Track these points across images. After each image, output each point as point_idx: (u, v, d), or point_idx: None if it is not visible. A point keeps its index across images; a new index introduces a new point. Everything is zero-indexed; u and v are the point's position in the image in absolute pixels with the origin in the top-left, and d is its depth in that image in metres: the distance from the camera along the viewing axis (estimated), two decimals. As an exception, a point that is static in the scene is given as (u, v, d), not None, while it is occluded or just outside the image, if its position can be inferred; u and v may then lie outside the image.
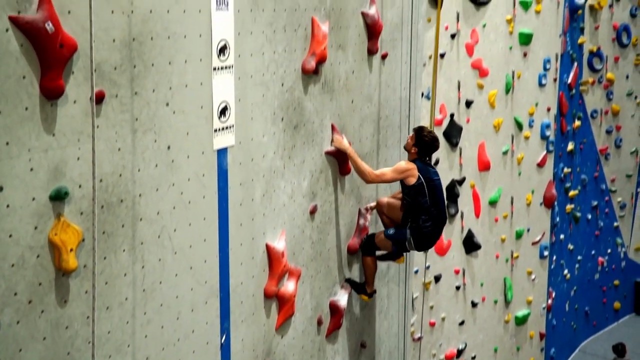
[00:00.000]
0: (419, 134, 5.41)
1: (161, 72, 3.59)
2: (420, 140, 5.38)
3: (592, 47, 9.77)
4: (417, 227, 5.38)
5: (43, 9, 2.86)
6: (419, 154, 5.41)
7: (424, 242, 5.51)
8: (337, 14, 5.08)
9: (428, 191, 5.31)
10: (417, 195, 5.31)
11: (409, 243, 5.45)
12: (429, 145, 5.41)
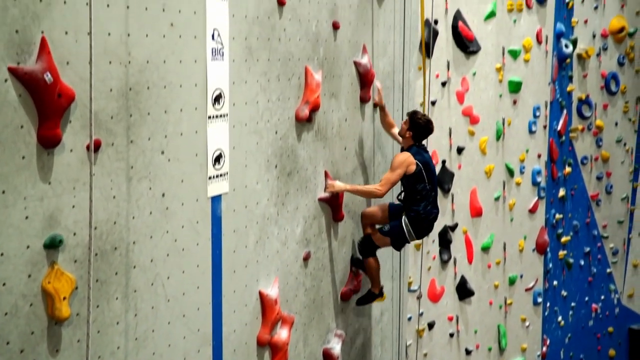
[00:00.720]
0: (413, 118, 5.41)
1: (157, 120, 3.64)
2: (414, 124, 5.37)
3: (581, 94, 9.93)
4: (415, 214, 5.33)
5: (42, 60, 2.92)
6: (414, 138, 5.39)
7: (424, 227, 5.45)
8: (330, 63, 5.18)
9: (427, 176, 5.32)
10: (416, 182, 5.30)
11: (408, 232, 5.38)
12: (424, 128, 5.41)
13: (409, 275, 7.07)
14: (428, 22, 7.36)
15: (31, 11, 2.90)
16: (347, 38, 5.38)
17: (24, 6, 2.87)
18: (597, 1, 9.77)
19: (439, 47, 7.58)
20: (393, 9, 6.09)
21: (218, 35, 4.05)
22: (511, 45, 8.41)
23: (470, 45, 7.91)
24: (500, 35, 8.26)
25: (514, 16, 8.37)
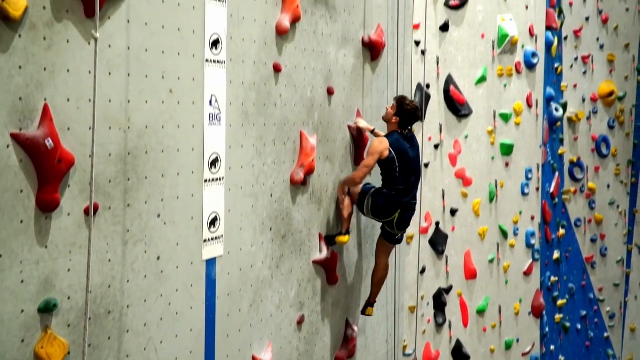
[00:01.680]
0: (401, 103, 5.37)
1: (154, 184, 3.70)
2: (401, 110, 5.35)
3: (572, 157, 10.06)
4: (379, 193, 5.34)
5: (44, 126, 2.99)
6: (399, 124, 5.37)
7: (379, 209, 5.36)
8: (324, 127, 5.28)
9: (399, 164, 5.27)
10: (389, 169, 5.30)
11: (367, 201, 5.35)
12: (411, 115, 5.38)
13: (404, 339, 7.01)
14: (420, 86, 7.55)
15: (35, 80, 2.99)
16: (341, 103, 5.51)
17: (29, 75, 2.96)
18: (585, 66, 10.01)
19: (432, 110, 7.74)
20: (386, 74, 6.25)
21: (216, 101, 4.15)
22: (502, 108, 8.57)
23: (462, 108, 8.08)
24: (491, 99, 8.44)
25: (504, 81, 8.56)
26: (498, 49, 8.43)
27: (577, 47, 9.85)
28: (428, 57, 7.76)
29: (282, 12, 4.69)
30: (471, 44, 8.19)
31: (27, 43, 2.95)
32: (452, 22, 8.04)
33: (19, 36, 2.92)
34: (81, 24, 3.19)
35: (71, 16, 3.15)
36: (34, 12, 2.99)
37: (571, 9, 9.66)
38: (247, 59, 4.40)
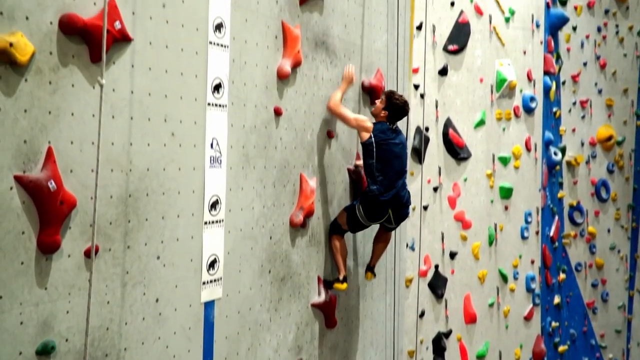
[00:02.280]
0: (390, 98, 5.35)
1: (154, 226, 3.72)
2: (390, 104, 5.32)
3: (572, 201, 10.09)
4: (364, 195, 5.28)
5: (47, 169, 3.03)
6: (388, 118, 5.34)
7: (371, 208, 5.25)
8: (324, 170, 5.33)
9: (377, 154, 5.19)
10: (366, 156, 5.24)
11: (358, 209, 5.28)
12: (400, 109, 5.35)
13: (403, 384, 6.94)
14: (419, 129, 7.63)
15: (40, 123, 3.04)
16: (341, 146, 5.56)
17: (34, 118, 3.01)
18: (584, 111, 10.12)
19: (430, 153, 7.81)
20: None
21: (217, 144, 4.20)
22: (501, 152, 8.64)
23: (460, 152, 8.15)
24: (490, 142, 8.52)
25: (503, 124, 8.65)
26: (496, 93, 8.54)
27: (575, 92, 9.98)
28: (427, 101, 7.86)
29: (283, 57, 4.78)
30: (470, 88, 8.31)
31: (33, 87, 3.02)
32: (451, 66, 8.17)
33: (25, 80, 2.99)
34: (86, 69, 3.26)
35: (77, 61, 3.22)
36: (41, 57, 3.06)
37: (569, 54, 9.81)
38: (249, 102, 4.47)
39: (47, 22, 3.07)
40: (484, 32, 8.43)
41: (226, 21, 4.21)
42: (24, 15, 2.97)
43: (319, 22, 5.22)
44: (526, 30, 8.81)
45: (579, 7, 9.81)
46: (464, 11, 8.28)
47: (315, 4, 5.14)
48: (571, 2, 9.71)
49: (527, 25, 8.82)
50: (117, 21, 3.40)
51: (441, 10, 8.12)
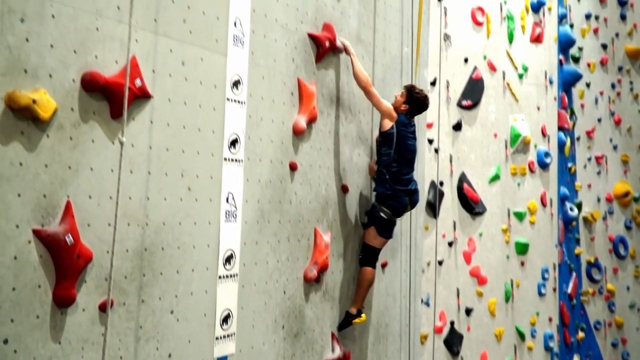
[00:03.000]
0: (411, 92, 5.42)
1: (168, 280, 3.73)
2: (411, 98, 5.39)
3: (589, 257, 9.98)
4: (380, 194, 5.32)
5: (65, 222, 3.07)
6: (408, 111, 5.40)
7: (392, 202, 5.31)
8: (338, 224, 5.34)
9: (396, 144, 5.26)
10: (384, 145, 5.30)
11: (383, 212, 5.30)
12: (420, 103, 5.43)
13: None
14: (434, 183, 7.64)
15: (59, 177, 3.10)
16: (355, 200, 5.58)
17: (54, 173, 3.07)
18: (599, 166, 10.10)
19: (445, 207, 7.80)
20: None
21: (232, 199, 4.24)
22: (516, 207, 8.61)
23: (475, 206, 8.14)
24: (505, 197, 8.50)
25: (518, 179, 8.65)
26: (511, 148, 8.57)
27: (590, 148, 9.99)
28: (441, 155, 7.90)
29: (299, 113, 4.86)
30: (484, 143, 8.35)
31: (54, 142, 3.08)
32: (465, 121, 8.24)
33: (46, 136, 3.06)
34: (106, 125, 3.34)
35: (97, 117, 3.30)
36: (63, 113, 3.14)
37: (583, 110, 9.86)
38: (264, 157, 4.52)
39: (69, 79, 3.16)
40: (497, 88, 8.52)
41: (243, 78, 4.30)
42: (47, 73, 3.06)
43: (334, 79, 5.31)
44: (540, 87, 8.89)
45: (592, 64, 9.90)
46: (477, 67, 8.40)
47: (330, 62, 5.25)
48: (584, 59, 9.82)
49: (541, 82, 8.91)
50: (138, 78, 3.49)
51: (455, 66, 8.24)
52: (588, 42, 9.82)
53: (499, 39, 8.54)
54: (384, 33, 6.10)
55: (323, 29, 5.13)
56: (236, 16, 4.23)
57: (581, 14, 9.81)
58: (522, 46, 8.75)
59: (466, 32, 8.33)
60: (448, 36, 8.22)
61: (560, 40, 9.24)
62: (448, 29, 8.21)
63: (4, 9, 2.86)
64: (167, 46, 3.71)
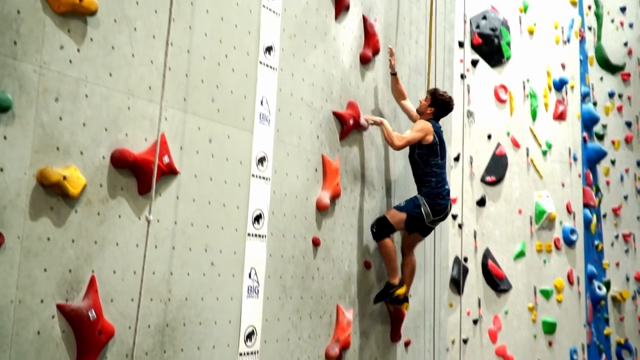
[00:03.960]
0: (435, 95, 5.45)
1: (189, 357, 3.70)
2: (436, 100, 5.43)
3: (619, 338, 9.71)
4: (429, 189, 5.27)
5: (89, 298, 3.09)
6: (435, 114, 5.44)
7: (437, 204, 5.28)
8: (361, 301, 5.29)
9: (440, 151, 5.32)
10: (431, 155, 5.29)
11: (424, 207, 5.24)
12: (446, 104, 5.46)
13: None
14: (458, 259, 7.57)
15: (85, 252, 3.14)
16: (378, 277, 5.54)
17: (80, 248, 3.12)
18: (627, 244, 9.95)
19: (470, 284, 7.70)
20: (423, 250, 6.31)
21: (255, 274, 4.24)
22: (542, 285, 8.47)
23: (500, 283, 8.02)
24: (530, 274, 8.38)
25: (544, 256, 8.54)
26: (536, 225, 8.51)
27: (617, 225, 9.87)
28: (465, 231, 7.86)
29: (322, 189, 4.90)
30: (508, 219, 8.30)
31: (82, 218, 3.14)
32: (489, 197, 8.23)
33: (75, 211, 3.12)
34: (133, 200, 3.40)
35: (125, 193, 3.37)
36: (91, 189, 3.20)
37: (608, 187, 9.80)
38: (287, 232, 4.54)
39: (100, 156, 3.25)
40: (521, 164, 8.53)
41: (269, 155, 4.38)
42: (79, 150, 3.15)
43: (358, 156, 5.38)
44: (564, 163, 8.89)
45: (617, 142, 9.91)
46: (500, 144, 8.45)
47: (354, 139, 5.32)
48: (608, 137, 9.83)
49: (565, 159, 8.91)
50: (166, 155, 3.57)
51: (478, 142, 8.29)
52: (612, 119, 9.86)
53: (522, 116, 8.62)
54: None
55: (347, 107, 5.23)
56: (263, 95, 4.34)
57: (604, 92, 9.89)
58: (546, 123, 8.81)
59: (489, 109, 8.43)
60: (471, 113, 8.32)
61: (583, 117, 9.30)
62: (471, 106, 8.31)
63: (39, 89, 2.97)
64: (195, 124, 3.81)
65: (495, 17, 8.52)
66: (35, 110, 2.95)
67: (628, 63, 10.04)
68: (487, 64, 8.48)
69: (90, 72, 3.19)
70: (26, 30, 2.91)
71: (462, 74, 8.10)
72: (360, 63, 5.43)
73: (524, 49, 8.71)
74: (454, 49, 7.83)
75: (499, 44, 8.50)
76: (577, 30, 9.33)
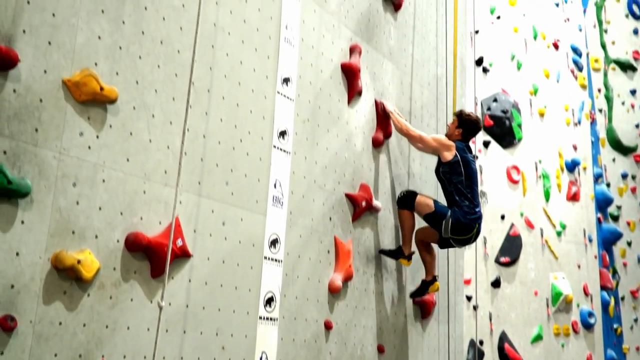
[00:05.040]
0: (461, 116, 5.48)
1: None
2: (463, 122, 5.44)
3: None
4: (460, 210, 5.21)
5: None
6: (463, 135, 5.44)
7: (460, 226, 5.21)
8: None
9: (464, 170, 5.25)
10: (453, 174, 5.26)
11: (446, 221, 5.20)
12: (473, 124, 5.47)
13: None
14: (473, 342, 7.42)
15: (96, 336, 3.13)
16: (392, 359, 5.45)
17: (91, 332, 3.11)
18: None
19: (486, 369, 7.52)
20: (437, 333, 6.21)
21: (266, 358, 4.18)
22: (562, 369, 8.26)
23: (518, 368, 7.83)
24: (549, 359, 8.17)
25: (562, 340, 8.36)
26: (553, 307, 8.37)
27: (635, 308, 9.69)
28: (480, 313, 7.75)
29: (335, 271, 4.88)
30: (524, 301, 8.18)
31: (94, 302, 3.15)
32: (504, 278, 8.14)
33: (87, 295, 3.13)
34: (146, 284, 3.41)
35: (138, 276, 3.38)
36: (105, 273, 3.23)
37: (626, 269, 9.68)
38: (299, 316, 4.51)
39: (114, 240, 3.29)
40: (536, 245, 8.48)
41: (281, 237, 4.40)
42: (94, 234, 3.19)
43: (371, 237, 5.38)
44: (579, 245, 8.82)
45: (632, 223, 9.85)
46: (514, 224, 8.42)
47: (367, 220, 5.35)
48: (623, 218, 9.78)
49: (580, 240, 8.85)
50: (180, 239, 3.61)
51: (492, 223, 8.28)
52: (626, 200, 9.83)
53: (535, 197, 8.63)
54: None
55: (360, 189, 5.28)
56: (276, 178, 4.41)
57: (617, 173, 9.92)
58: (559, 204, 8.81)
59: (502, 190, 8.46)
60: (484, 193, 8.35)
61: (597, 198, 9.29)
62: (484, 186, 8.35)
63: (58, 174, 3.05)
64: (209, 207, 3.86)
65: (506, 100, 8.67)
66: (53, 195, 3.02)
67: (640, 145, 10.11)
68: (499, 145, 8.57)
69: (108, 158, 3.27)
70: (47, 118, 3.01)
71: (474, 154, 8.17)
72: (372, 146, 5.52)
73: (535, 131, 8.81)
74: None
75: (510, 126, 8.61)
76: (588, 112, 9.46)
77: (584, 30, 9.88)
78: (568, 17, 9.64)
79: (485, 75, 8.42)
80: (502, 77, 8.63)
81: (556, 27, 9.38)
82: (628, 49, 10.29)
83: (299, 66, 4.69)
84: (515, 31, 8.79)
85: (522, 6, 8.94)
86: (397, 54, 5.97)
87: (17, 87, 2.90)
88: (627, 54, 10.25)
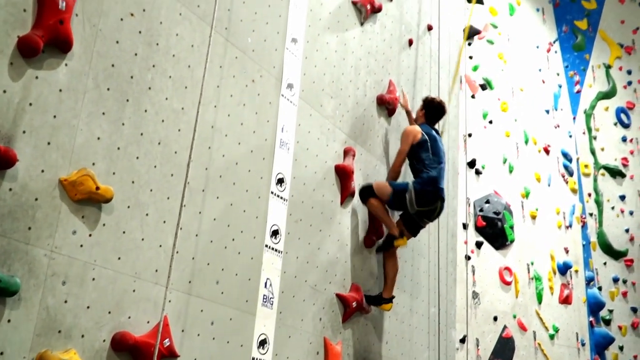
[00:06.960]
0: (426, 100, 5.88)
1: None
2: (427, 105, 5.84)
3: None
4: (421, 180, 5.40)
5: None
6: (426, 116, 5.82)
7: (424, 195, 5.37)
8: None
9: (431, 147, 5.51)
10: (421, 151, 5.50)
11: (409, 193, 5.35)
12: (436, 107, 5.83)
13: None
14: None
15: None
16: None
17: None
18: None
19: None
20: None
21: None
22: None
23: None
24: None
25: None
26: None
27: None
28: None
29: None
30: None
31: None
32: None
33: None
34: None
35: (122, 378, 3.31)
36: None
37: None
38: (285, 421, 4.39)
39: (100, 339, 3.25)
40: (529, 348, 8.34)
41: (270, 337, 4.35)
42: (80, 334, 3.16)
43: (361, 339, 5.32)
44: (572, 348, 8.70)
45: (624, 327, 9.75)
46: (507, 326, 8.32)
47: (357, 321, 5.30)
48: (615, 322, 9.69)
49: (573, 343, 8.74)
50: (167, 339, 3.56)
51: (484, 325, 8.18)
52: (618, 304, 9.77)
53: (528, 299, 8.57)
54: (412, 295, 6.21)
55: (351, 290, 5.26)
56: (267, 277, 4.41)
57: (608, 277, 9.90)
58: (552, 307, 8.74)
59: (495, 291, 8.41)
60: (477, 294, 8.29)
61: (589, 302, 9.23)
62: (476, 287, 8.30)
63: (48, 273, 3.05)
64: (198, 306, 3.84)
65: (498, 202, 8.77)
66: (41, 294, 3.01)
67: (630, 249, 10.12)
68: (492, 246, 8.60)
69: (99, 256, 3.28)
70: (41, 216, 3.05)
71: (466, 254, 8.18)
72: (364, 246, 5.54)
73: (527, 233, 8.87)
74: (457, 233, 7.98)
75: (502, 227, 8.66)
76: (579, 216, 9.55)
77: (574, 137, 10.13)
78: (558, 124, 9.90)
79: (478, 177, 8.56)
80: (494, 179, 8.76)
81: (547, 132, 9.62)
82: (617, 156, 10.50)
83: (294, 167, 4.78)
84: (507, 135, 9.00)
85: (513, 112, 9.20)
86: (391, 156, 6.10)
87: (14, 186, 2.95)
88: (616, 160, 10.46)
